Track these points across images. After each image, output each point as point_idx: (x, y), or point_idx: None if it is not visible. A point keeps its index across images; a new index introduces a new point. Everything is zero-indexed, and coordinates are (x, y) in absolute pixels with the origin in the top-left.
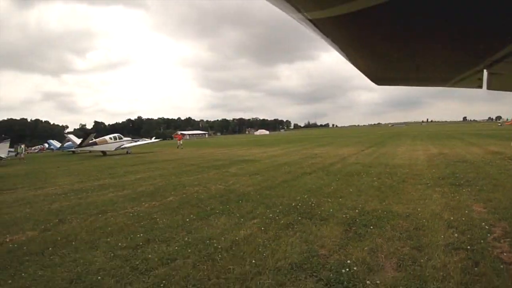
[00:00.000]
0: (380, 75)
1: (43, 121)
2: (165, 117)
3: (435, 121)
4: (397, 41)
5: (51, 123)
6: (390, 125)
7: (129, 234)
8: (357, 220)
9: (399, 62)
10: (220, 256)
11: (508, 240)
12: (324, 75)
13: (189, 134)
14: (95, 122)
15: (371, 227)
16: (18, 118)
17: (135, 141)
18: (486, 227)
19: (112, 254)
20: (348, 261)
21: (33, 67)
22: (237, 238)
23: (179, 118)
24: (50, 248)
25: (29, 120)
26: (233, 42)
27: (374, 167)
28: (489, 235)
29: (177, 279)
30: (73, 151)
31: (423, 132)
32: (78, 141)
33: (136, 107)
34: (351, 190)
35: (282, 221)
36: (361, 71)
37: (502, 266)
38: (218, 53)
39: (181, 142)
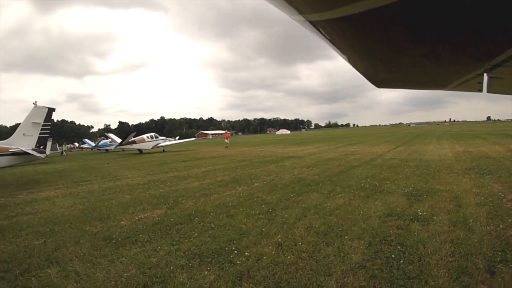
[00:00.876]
0: (380, 78)
1: (69, 121)
2: (186, 117)
3: (458, 121)
4: (397, 44)
5: (77, 123)
6: (409, 124)
7: (251, 207)
8: (413, 193)
9: (399, 65)
10: (337, 212)
11: None
12: (344, 74)
13: (212, 134)
14: (120, 122)
15: (425, 196)
16: None
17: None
18: (502, 195)
19: (255, 218)
20: (418, 211)
21: (57, 70)
22: (338, 204)
23: (201, 118)
24: (197, 218)
25: (55, 121)
26: (252, 42)
27: (410, 162)
28: (504, 199)
29: (320, 223)
30: (106, 150)
31: (447, 132)
32: (118, 140)
33: (157, 108)
34: (400, 176)
35: (361, 194)
36: (361, 73)
37: (511, 212)
38: (237, 53)
39: (227, 141)
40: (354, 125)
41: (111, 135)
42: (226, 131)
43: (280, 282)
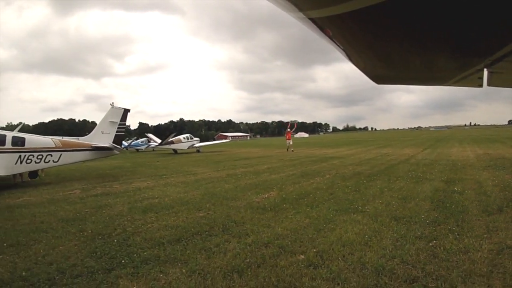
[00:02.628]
0: (380, 74)
1: (90, 121)
2: (205, 119)
3: (478, 125)
4: (396, 40)
5: (97, 123)
6: (428, 128)
7: (340, 188)
8: (448, 180)
9: (399, 61)
10: (402, 189)
11: None
12: (361, 77)
13: (231, 136)
14: (140, 123)
15: (457, 182)
16: (66, 118)
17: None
18: (511, 180)
19: (351, 194)
20: (455, 188)
21: (75, 71)
22: (400, 186)
23: (219, 120)
24: (311, 195)
25: (77, 121)
26: (268, 44)
27: (439, 161)
28: None
29: (396, 195)
30: (136, 149)
31: (468, 137)
32: (158, 140)
33: (174, 109)
34: (435, 170)
35: (412, 181)
36: (360, 69)
37: None
38: (253, 55)
39: (291, 142)
40: (372, 128)
41: (150, 135)
42: (288, 129)
43: (397, 215)
